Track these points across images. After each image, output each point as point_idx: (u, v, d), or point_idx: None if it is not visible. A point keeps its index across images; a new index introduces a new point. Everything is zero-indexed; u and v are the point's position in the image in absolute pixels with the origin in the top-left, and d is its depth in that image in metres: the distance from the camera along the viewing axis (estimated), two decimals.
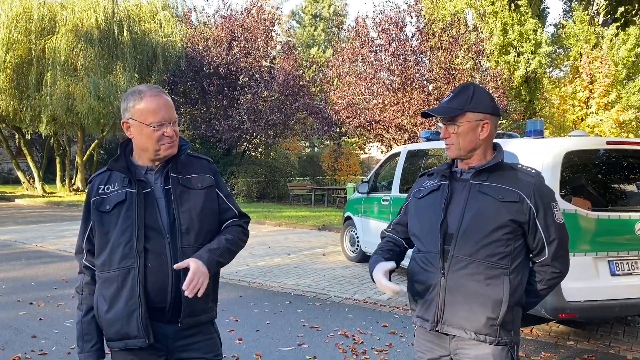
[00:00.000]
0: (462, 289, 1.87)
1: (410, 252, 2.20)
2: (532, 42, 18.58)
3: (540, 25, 19.15)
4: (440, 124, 2.04)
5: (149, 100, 1.86)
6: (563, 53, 20.75)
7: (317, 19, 42.07)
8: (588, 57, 18.37)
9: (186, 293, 1.77)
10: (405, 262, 2.20)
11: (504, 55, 18.90)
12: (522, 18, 18.63)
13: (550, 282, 1.97)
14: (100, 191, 1.92)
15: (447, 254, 1.90)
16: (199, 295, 1.79)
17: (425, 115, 2.03)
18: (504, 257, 1.86)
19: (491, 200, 1.88)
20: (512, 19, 18.54)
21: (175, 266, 1.80)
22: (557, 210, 1.93)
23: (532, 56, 18.50)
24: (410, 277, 2.07)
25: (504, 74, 16.95)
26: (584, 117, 18.98)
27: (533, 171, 1.95)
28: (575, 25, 19.00)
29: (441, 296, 1.90)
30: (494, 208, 1.87)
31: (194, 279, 1.77)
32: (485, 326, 1.85)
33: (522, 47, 18.71)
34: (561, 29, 20.29)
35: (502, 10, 18.76)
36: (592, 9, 19.34)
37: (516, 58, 18.92)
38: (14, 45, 17.09)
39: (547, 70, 20.22)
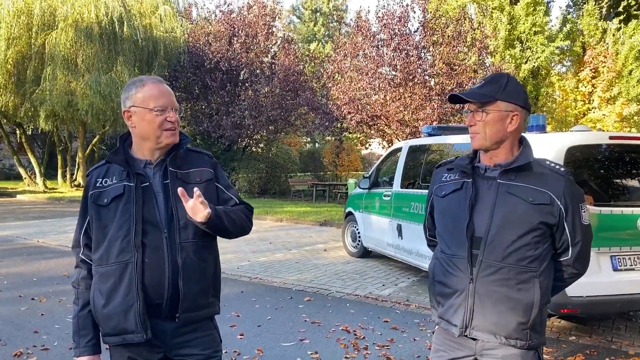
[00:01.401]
0: (492, 294, 1.80)
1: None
2: (545, 34, 18.44)
3: (548, 17, 19.04)
4: (466, 111, 1.93)
5: (150, 87, 1.87)
6: (566, 48, 20.65)
7: (318, 14, 41.99)
8: (592, 52, 18.29)
9: (187, 208, 1.77)
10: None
11: (510, 49, 18.77)
12: (534, 8, 18.43)
13: (568, 280, 1.95)
14: (98, 184, 1.90)
15: (476, 259, 1.82)
16: (197, 217, 1.77)
17: (453, 99, 1.92)
18: (533, 260, 1.80)
19: (521, 202, 1.79)
20: (525, 9, 18.36)
21: (179, 191, 1.77)
22: (584, 212, 1.87)
23: (542, 48, 18.34)
24: (433, 277, 1.99)
25: (507, 68, 16.85)
26: (586, 112, 18.92)
27: (562, 170, 1.86)
28: (584, 18, 18.87)
29: (470, 301, 1.83)
30: (523, 210, 1.79)
31: (195, 202, 1.77)
32: (516, 331, 1.80)
33: (532, 40, 18.55)
34: (568, 24, 20.14)
35: (509, 5, 18.66)
36: (596, 3, 19.23)
37: (523, 53, 18.79)
38: (14, 41, 17.06)
39: (551, 64, 20.10)
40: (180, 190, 1.77)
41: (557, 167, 1.87)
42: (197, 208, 1.77)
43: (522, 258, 1.79)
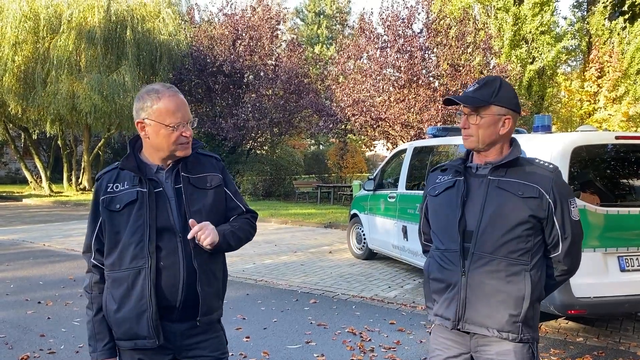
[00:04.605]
0: (483, 286, 1.86)
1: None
2: (552, 34, 18.38)
3: (554, 17, 19.01)
4: (459, 113, 1.98)
5: (167, 101, 1.84)
6: (571, 48, 20.58)
7: (321, 17, 42.03)
8: (598, 51, 18.21)
9: (189, 236, 1.79)
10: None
11: (516, 49, 18.70)
12: (540, 8, 18.38)
13: (559, 278, 1.97)
14: (109, 189, 1.90)
15: (468, 252, 1.88)
16: (204, 244, 1.79)
17: (448, 102, 1.98)
18: (524, 253, 1.85)
19: (511, 196, 1.85)
20: (531, 10, 18.31)
21: (190, 232, 1.80)
22: (573, 207, 1.91)
23: (548, 48, 18.27)
24: (428, 275, 2.04)
25: (513, 70, 16.80)
26: (591, 112, 18.84)
27: (551, 166, 1.92)
28: (594, 16, 18.78)
29: (462, 294, 1.88)
30: (513, 204, 1.84)
31: (202, 229, 1.79)
32: (507, 323, 1.84)
33: (539, 40, 18.48)
34: (577, 24, 20.05)
35: (514, 5, 18.63)
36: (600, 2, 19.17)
37: (529, 53, 18.71)
38: (21, 45, 17.16)
39: (557, 64, 20.03)
40: (191, 221, 1.81)
41: (546, 164, 1.94)
42: (204, 230, 1.81)
43: (513, 250, 1.84)
